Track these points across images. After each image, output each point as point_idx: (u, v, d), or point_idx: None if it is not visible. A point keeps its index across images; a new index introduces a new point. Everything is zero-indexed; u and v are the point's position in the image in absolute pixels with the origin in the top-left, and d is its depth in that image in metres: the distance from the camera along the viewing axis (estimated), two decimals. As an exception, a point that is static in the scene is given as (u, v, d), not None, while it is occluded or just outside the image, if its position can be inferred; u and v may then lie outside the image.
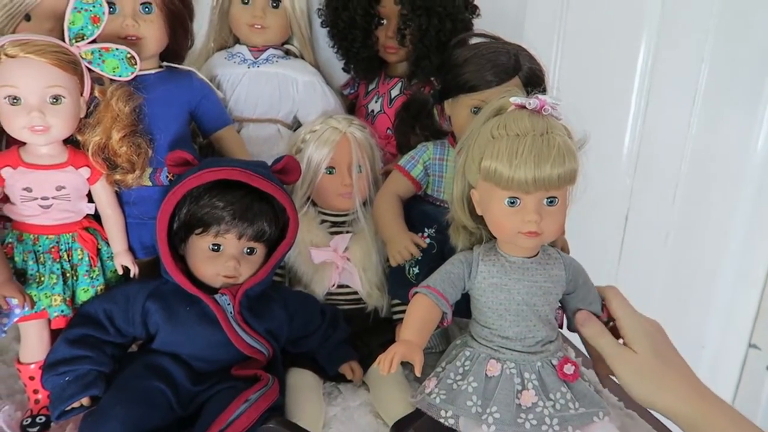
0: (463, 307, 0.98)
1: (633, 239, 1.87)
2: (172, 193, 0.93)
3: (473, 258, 0.94)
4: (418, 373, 0.85)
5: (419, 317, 0.90)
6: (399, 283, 1.08)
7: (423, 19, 1.16)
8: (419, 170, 1.11)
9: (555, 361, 0.92)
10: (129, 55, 0.92)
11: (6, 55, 0.83)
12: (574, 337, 1.04)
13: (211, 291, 0.97)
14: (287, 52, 1.26)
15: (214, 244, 0.96)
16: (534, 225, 0.86)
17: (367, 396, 1.06)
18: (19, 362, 0.97)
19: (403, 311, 1.14)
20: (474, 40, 1.12)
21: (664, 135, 1.77)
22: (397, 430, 0.95)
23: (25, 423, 0.96)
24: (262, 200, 0.97)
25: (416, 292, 0.93)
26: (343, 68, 1.31)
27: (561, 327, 1.01)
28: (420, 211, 1.11)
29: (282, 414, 0.95)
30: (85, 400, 0.89)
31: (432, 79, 1.17)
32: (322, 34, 1.31)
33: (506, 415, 0.85)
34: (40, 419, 0.95)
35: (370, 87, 1.32)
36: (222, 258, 0.96)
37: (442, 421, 0.88)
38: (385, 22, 1.23)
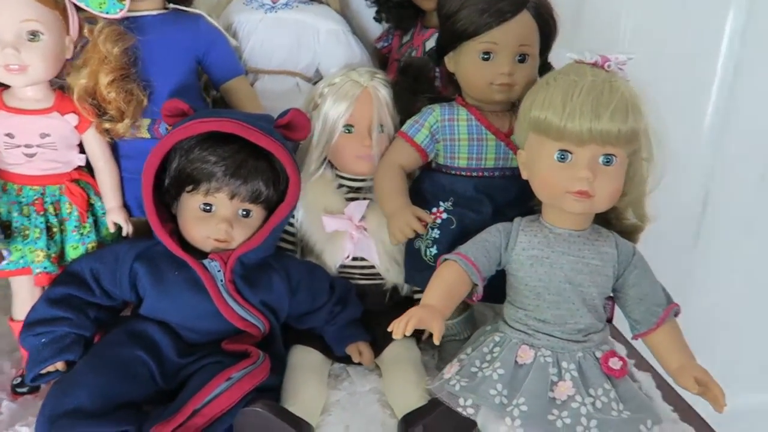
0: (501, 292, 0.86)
1: (712, 228, 1.64)
2: (159, 145, 0.85)
3: (513, 227, 0.84)
4: (436, 341, 0.75)
5: (445, 283, 0.81)
6: (415, 267, 0.95)
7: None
8: (424, 135, 0.96)
9: (599, 354, 0.80)
10: (116, -10, 0.84)
11: (-23, -16, 0.76)
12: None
13: (203, 256, 0.89)
14: (312, -2, 1.15)
15: (205, 204, 0.87)
16: (585, 183, 0.76)
17: (378, 382, 0.95)
18: (11, 319, 0.93)
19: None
20: None
21: (756, 107, 1.52)
22: (406, 425, 0.84)
23: (14, 383, 0.91)
24: (260, 158, 0.87)
25: (445, 259, 0.83)
26: (374, 17, 1.18)
27: (610, 320, 0.88)
28: (432, 182, 0.97)
29: (277, 395, 0.86)
30: (60, 365, 0.83)
31: None
32: (353, -19, 1.19)
33: (535, 409, 0.74)
34: (31, 380, 0.90)
35: (405, 39, 1.18)
36: (213, 219, 0.87)
37: (460, 410, 0.77)
38: (419, -37, 1.10)
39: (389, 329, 0.76)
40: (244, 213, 0.88)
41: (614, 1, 1.41)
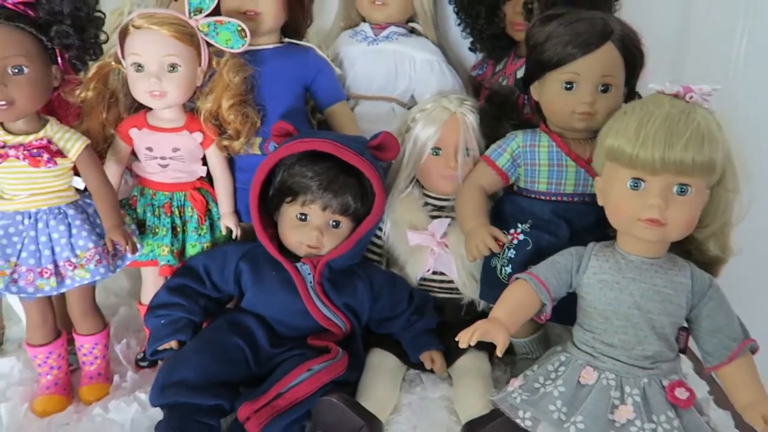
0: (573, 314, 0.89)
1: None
2: (266, 161, 0.97)
3: (585, 252, 0.86)
4: (499, 353, 0.80)
5: (514, 299, 0.86)
6: (490, 283, 1.00)
7: (552, -9, 1.05)
8: (505, 159, 1.01)
9: (666, 383, 0.80)
10: (239, 28, 0.98)
11: (133, 26, 0.93)
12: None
13: (297, 260, 1.00)
14: (412, 31, 1.24)
15: (301, 214, 0.98)
16: (656, 211, 0.77)
17: (448, 390, 1.01)
18: (139, 303, 1.10)
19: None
20: None
21: None
22: (468, 431, 0.89)
23: (138, 357, 1.09)
24: (351, 175, 0.97)
25: (517, 278, 0.87)
26: (469, 47, 1.24)
27: (684, 351, 0.88)
28: (512, 204, 1.01)
29: (353, 391, 0.95)
30: (173, 344, 0.97)
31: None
32: (453, 14, 1.26)
33: (593, 428, 0.76)
34: (151, 356, 1.06)
35: (498, 68, 1.24)
36: (307, 228, 0.98)
37: (518, 422, 0.82)
38: (512, -4, 1.15)
39: (456, 338, 0.82)
40: (334, 224, 0.99)
41: (724, 26, 1.36)
